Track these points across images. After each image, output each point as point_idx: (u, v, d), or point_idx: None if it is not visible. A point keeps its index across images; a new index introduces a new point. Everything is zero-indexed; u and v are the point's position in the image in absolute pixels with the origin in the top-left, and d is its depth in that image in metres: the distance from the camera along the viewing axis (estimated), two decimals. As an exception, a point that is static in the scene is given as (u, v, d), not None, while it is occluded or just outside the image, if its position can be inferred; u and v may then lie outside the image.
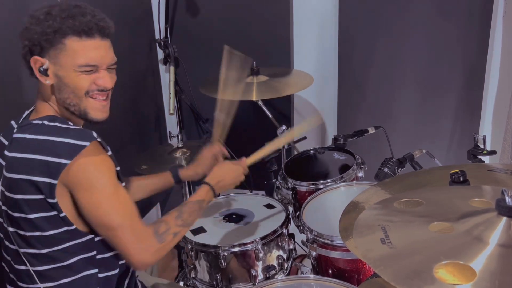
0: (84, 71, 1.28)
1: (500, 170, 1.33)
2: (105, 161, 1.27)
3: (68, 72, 1.27)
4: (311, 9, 2.47)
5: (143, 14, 2.63)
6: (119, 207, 1.27)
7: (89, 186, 1.24)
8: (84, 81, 1.29)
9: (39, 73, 1.28)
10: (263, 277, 1.73)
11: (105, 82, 1.31)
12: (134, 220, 1.28)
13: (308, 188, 1.94)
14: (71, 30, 1.25)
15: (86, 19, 1.26)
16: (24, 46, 1.28)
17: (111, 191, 1.26)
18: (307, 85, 2.26)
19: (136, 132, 2.68)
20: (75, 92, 1.29)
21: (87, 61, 1.27)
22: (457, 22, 2.30)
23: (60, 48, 1.26)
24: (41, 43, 1.26)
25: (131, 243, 1.26)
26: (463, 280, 0.82)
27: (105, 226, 1.26)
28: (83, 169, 1.22)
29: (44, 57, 1.27)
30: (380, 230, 0.98)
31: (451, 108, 2.44)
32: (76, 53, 1.26)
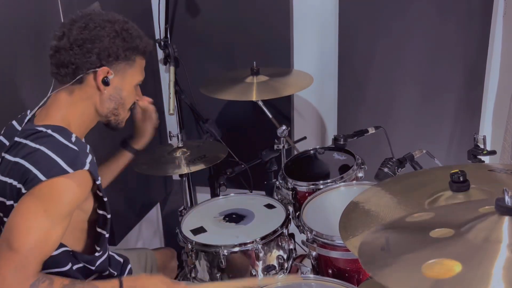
0: (137, 85, 1.44)
1: (500, 170, 1.33)
2: (74, 194, 1.24)
3: (128, 86, 1.40)
4: (311, 9, 2.47)
5: (143, 14, 2.63)
6: (36, 239, 1.19)
7: (40, 204, 1.20)
8: (134, 95, 1.46)
9: (102, 82, 1.33)
10: (263, 277, 1.73)
11: (140, 95, 1.51)
12: (33, 259, 1.19)
13: (308, 188, 1.94)
14: (141, 51, 1.39)
15: (148, 42, 1.40)
16: (88, 53, 1.29)
17: (46, 225, 1.21)
18: (307, 85, 2.26)
19: (136, 132, 2.68)
20: (125, 104, 1.42)
21: (141, 78, 1.44)
22: (457, 22, 2.30)
23: (130, 64, 1.37)
24: (117, 55, 1.33)
25: (10, 273, 1.16)
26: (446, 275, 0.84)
27: (9, 240, 1.18)
28: (48, 188, 1.21)
29: (112, 68, 1.34)
30: (382, 241, 0.99)
31: (451, 108, 2.44)
32: (139, 71, 1.41)
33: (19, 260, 1.17)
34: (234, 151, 2.34)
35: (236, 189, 2.42)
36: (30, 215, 1.20)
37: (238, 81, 2.27)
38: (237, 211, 1.93)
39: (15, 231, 1.19)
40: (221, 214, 1.92)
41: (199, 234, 1.80)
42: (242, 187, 2.46)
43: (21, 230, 1.19)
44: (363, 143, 2.20)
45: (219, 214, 1.92)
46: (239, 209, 1.94)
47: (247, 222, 1.85)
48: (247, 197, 2.07)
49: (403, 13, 2.35)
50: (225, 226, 1.84)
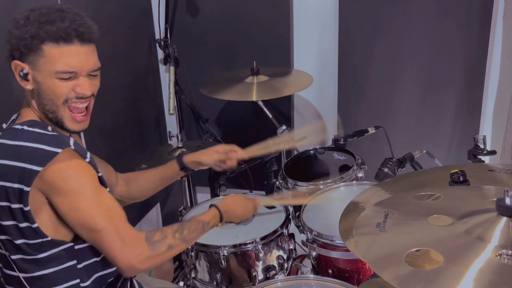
0: (61, 78, 1.24)
1: (501, 170, 1.33)
2: (82, 166, 1.25)
3: (46, 78, 1.24)
4: (311, 9, 2.47)
5: (143, 14, 2.63)
6: (102, 209, 1.23)
7: (67, 190, 1.21)
8: (63, 88, 1.26)
9: (20, 77, 1.26)
10: (263, 277, 1.73)
11: (83, 89, 1.27)
12: (120, 223, 1.25)
13: (308, 188, 1.94)
14: (48, 36, 1.22)
15: (64, 25, 1.23)
16: (8, 50, 1.27)
17: (92, 194, 1.23)
18: (307, 85, 2.26)
19: (136, 132, 2.68)
20: (53, 99, 1.27)
21: (65, 68, 1.24)
22: (457, 22, 2.30)
23: (39, 54, 1.23)
24: (19, 48, 1.23)
25: (117, 246, 1.22)
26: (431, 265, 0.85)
27: (88, 229, 1.22)
28: (59, 174, 1.20)
29: (24, 62, 1.25)
30: (382, 216, 1.00)
31: (451, 108, 2.44)
32: (54, 60, 1.23)
33: (113, 233, 1.21)
34: (234, 151, 2.34)
35: (236, 189, 2.42)
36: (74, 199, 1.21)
37: (238, 81, 2.27)
38: (237, 211, 1.93)
39: (84, 217, 1.22)
40: (221, 214, 1.92)
41: (199, 234, 1.79)
42: (242, 187, 2.46)
43: (83, 213, 1.21)
44: (363, 143, 2.20)
45: (219, 214, 1.92)
46: (239, 209, 1.94)
47: (247, 222, 1.84)
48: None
49: (403, 13, 2.35)
50: (225, 226, 1.84)
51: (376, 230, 0.96)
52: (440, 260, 0.84)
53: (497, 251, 0.85)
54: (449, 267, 0.83)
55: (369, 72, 2.49)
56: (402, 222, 1.00)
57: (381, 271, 0.85)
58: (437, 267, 0.83)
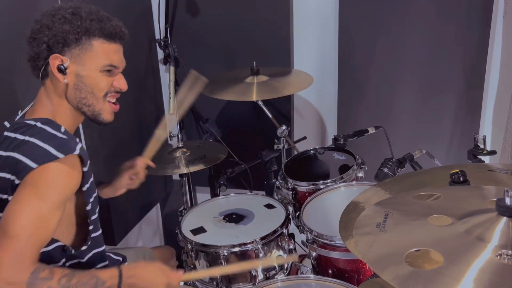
0: (106, 70, 1.34)
1: (501, 170, 1.33)
2: (67, 179, 1.25)
3: (90, 71, 1.32)
4: (311, 9, 2.47)
5: (143, 14, 2.63)
6: (32, 225, 1.19)
7: (33, 191, 1.20)
8: (104, 82, 1.35)
9: (57, 70, 1.30)
10: (263, 277, 1.73)
11: (122, 84, 1.38)
12: (31, 247, 1.19)
13: (308, 188, 1.94)
14: (100, 33, 1.31)
15: (113, 24, 1.34)
16: (40, 43, 1.28)
17: (42, 211, 1.21)
18: (307, 85, 2.26)
19: (136, 132, 2.68)
20: (94, 92, 1.34)
21: (110, 62, 1.34)
22: (457, 22, 2.30)
23: (86, 48, 1.30)
24: (66, 41, 1.28)
25: (8, 261, 1.16)
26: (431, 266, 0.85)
27: (6, 227, 1.18)
28: (41, 175, 1.21)
29: (65, 55, 1.30)
30: (382, 216, 1.00)
31: (451, 108, 2.44)
32: (101, 55, 1.32)
33: (17, 247, 1.17)
34: (234, 151, 2.34)
35: (236, 189, 2.42)
36: (25, 201, 1.20)
37: (238, 81, 2.27)
38: (237, 211, 1.93)
39: (11, 218, 1.19)
40: (221, 214, 1.92)
41: (199, 234, 1.80)
42: (242, 187, 2.46)
43: (17, 216, 1.19)
44: (363, 143, 2.20)
45: (219, 214, 1.92)
46: (239, 209, 1.94)
47: (247, 222, 1.85)
48: (247, 197, 2.07)
49: (403, 13, 2.35)
50: (225, 226, 1.84)
51: (376, 230, 0.96)
52: (440, 260, 0.84)
53: (497, 251, 0.85)
54: (449, 267, 0.83)
55: (369, 72, 2.49)
56: (402, 222, 1.00)
57: (381, 271, 0.85)
58: (437, 267, 0.83)
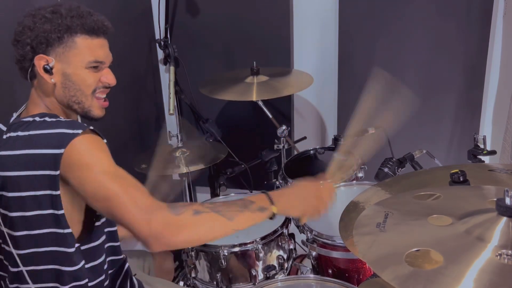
0: (92, 67, 1.32)
1: (501, 170, 1.33)
2: (99, 142, 1.25)
3: (76, 69, 1.30)
4: (311, 9, 2.47)
5: (143, 14, 2.63)
6: (116, 178, 1.20)
7: (82, 164, 1.20)
8: (92, 78, 1.33)
9: (44, 71, 1.29)
10: (263, 277, 1.73)
11: (110, 79, 1.36)
12: (134, 189, 1.19)
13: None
14: (82, 29, 1.29)
15: (94, 18, 1.31)
16: (24, 45, 1.28)
17: (106, 166, 1.21)
18: (307, 85, 2.26)
19: (136, 132, 2.68)
20: (83, 89, 1.32)
21: (96, 57, 1.32)
22: (457, 22, 2.30)
23: (70, 45, 1.29)
24: (49, 40, 1.27)
25: (133, 211, 1.15)
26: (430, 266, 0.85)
27: (100, 198, 1.18)
28: (76, 151, 1.20)
29: (50, 55, 1.28)
30: (382, 216, 1.00)
31: (451, 108, 2.44)
32: (85, 51, 1.30)
33: (127, 199, 1.16)
34: (234, 151, 2.34)
35: (236, 189, 2.42)
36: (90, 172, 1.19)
37: (238, 81, 2.27)
38: (237, 211, 1.93)
39: (95, 187, 1.18)
40: (221, 214, 1.92)
41: (199, 234, 1.79)
42: (242, 187, 2.46)
43: (97, 182, 1.18)
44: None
45: (219, 214, 1.92)
46: (239, 209, 1.94)
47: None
48: (247, 197, 2.06)
49: (403, 13, 2.35)
50: (225, 226, 1.83)
51: (376, 230, 0.96)
52: (440, 260, 0.84)
53: (497, 251, 0.85)
54: (449, 267, 0.83)
55: (369, 72, 2.49)
56: (402, 222, 1.00)
57: (381, 271, 0.85)
58: (437, 267, 0.83)
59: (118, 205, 1.17)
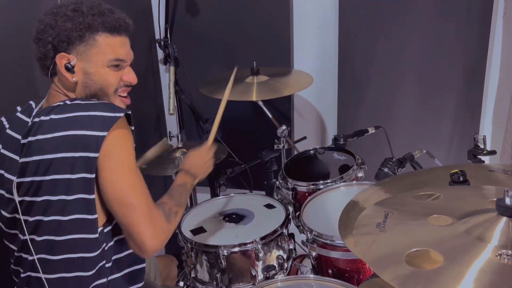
0: (113, 65, 1.31)
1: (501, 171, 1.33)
2: (131, 137, 1.27)
3: (97, 68, 1.30)
4: (311, 9, 2.47)
5: (143, 14, 2.63)
6: (139, 185, 1.24)
7: (118, 158, 1.22)
8: (113, 77, 1.33)
9: (65, 69, 1.28)
10: (263, 277, 1.73)
11: (131, 78, 1.37)
12: (149, 200, 1.26)
13: (308, 188, 1.94)
14: (103, 27, 1.29)
15: (116, 16, 1.31)
16: (46, 43, 1.27)
17: (133, 168, 1.24)
18: (307, 85, 2.26)
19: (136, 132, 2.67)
20: (104, 88, 1.33)
21: (117, 56, 1.31)
22: (457, 22, 2.30)
23: (91, 44, 1.28)
24: (70, 38, 1.26)
25: (146, 225, 1.21)
26: (430, 265, 0.85)
27: (123, 202, 1.22)
28: (116, 141, 1.21)
29: (71, 53, 1.28)
30: (382, 216, 1.00)
31: (451, 108, 2.44)
32: (107, 49, 1.30)
33: (145, 212, 1.21)
34: (234, 151, 2.34)
35: (236, 189, 2.42)
36: (120, 169, 1.22)
37: (238, 81, 2.27)
38: (237, 211, 1.93)
39: (121, 189, 1.21)
40: (221, 214, 1.92)
41: (199, 234, 1.80)
42: (242, 187, 2.46)
43: (124, 184, 1.21)
44: (363, 143, 2.20)
45: (219, 214, 1.92)
46: (239, 209, 1.94)
47: (247, 222, 1.85)
48: (247, 197, 2.06)
49: (403, 13, 2.35)
50: (225, 226, 1.84)
51: (376, 230, 0.96)
52: (440, 260, 0.84)
53: (497, 251, 0.85)
54: (449, 267, 0.83)
55: (369, 72, 2.49)
56: (402, 222, 1.00)
57: (381, 271, 0.85)
58: (437, 267, 0.83)
59: (137, 215, 1.21)
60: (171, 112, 2.35)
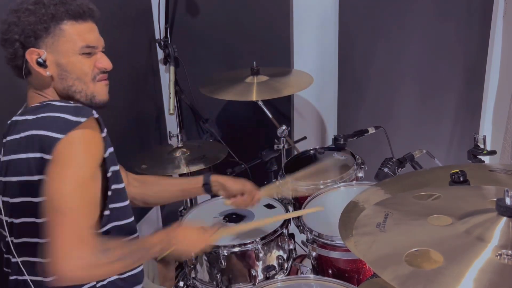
0: (85, 53, 1.28)
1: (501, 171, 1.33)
2: (94, 143, 1.21)
3: (69, 57, 1.27)
4: (311, 9, 2.47)
5: (143, 14, 2.63)
6: (79, 197, 1.15)
7: (65, 162, 1.16)
8: (86, 65, 1.29)
9: (37, 65, 1.25)
10: (263, 277, 1.73)
11: (105, 63, 1.32)
12: (85, 220, 1.16)
13: (308, 188, 1.93)
14: (67, 15, 1.25)
15: (78, 3, 1.27)
16: (13, 42, 1.24)
17: (81, 177, 1.17)
18: (307, 85, 2.26)
19: (136, 132, 2.68)
20: (81, 77, 1.29)
21: (86, 42, 1.28)
22: (457, 22, 2.30)
23: (58, 34, 1.25)
24: (36, 32, 1.23)
25: (68, 241, 1.10)
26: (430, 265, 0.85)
27: (54, 206, 1.13)
28: (70, 144, 1.16)
29: (41, 47, 1.25)
30: (382, 216, 1.00)
31: (451, 108, 2.44)
32: (75, 37, 1.26)
33: (73, 225, 1.12)
34: (234, 151, 2.34)
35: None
36: (63, 174, 1.15)
37: (238, 81, 2.27)
38: (237, 211, 1.93)
39: (56, 195, 1.13)
40: (221, 214, 1.92)
41: (199, 234, 1.79)
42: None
43: (61, 192, 1.14)
44: (363, 143, 2.20)
45: (219, 214, 1.92)
46: (239, 209, 1.94)
47: (247, 222, 1.84)
48: (247, 197, 2.06)
49: (403, 13, 2.35)
50: (225, 226, 1.84)
51: (376, 230, 0.96)
52: (440, 260, 0.84)
53: (497, 251, 0.85)
54: (449, 267, 0.83)
55: (369, 72, 2.50)
56: (402, 222, 1.00)
57: (381, 271, 0.85)
58: (437, 267, 0.83)
59: (62, 225, 1.12)
60: (171, 112, 2.35)
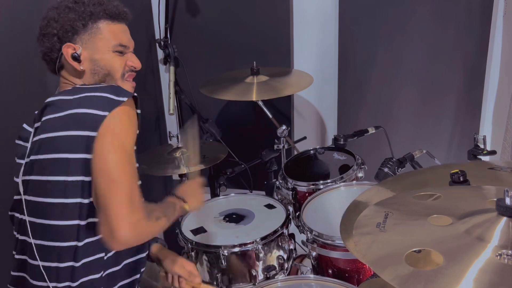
0: (118, 51, 1.36)
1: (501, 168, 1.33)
2: (134, 120, 1.26)
3: (103, 54, 1.34)
4: (311, 9, 2.47)
5: (143, 14, 2.63)
6: (128, 167, 1.20)
7: (113, 134, 1.20)
8: (119, 62, 1.37)
9: (72, 59, 1.32)
10: (263, 277, 1.73)
11: (135, 62, 1.42)
12: (135, 187, 1.21)
13: (308, 188, 1.94)
14: (104, 15, 1.34)
15: (114, 4, 1.37)
16: (51, 37, 1.31)
17: (127, 149, 1.22)
18: (307, 85, 2.26)
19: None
20: (112, 74, 1.37)
21: (120, 41, 1.36)
22: (457, 22, 2.30)
23: (95, 32, 1.33)
24: (74, 28, 1.31)
25: (125, 209, 1.15)
26: (431, 266, 0.85)
27: (109, 176, 1.17)
28: (115, 121, 1.20)
29: (77, 43, 1.32)
30: (382, 216, 1.00)
31: (451, 108, 2.44)
32: (110, 36, 1.35)
33: (128, 194, 1.17)
34: (234, 151, 2.34)
35: (236, 189, 2.42)
36: (113, 148, 1.19)
37: (238, 81, 2.27)
38: (237, 211, 1.93)
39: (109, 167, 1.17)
40: (221, 214, 1.92)
41: (199, 234, 1.80)
42: (242, 187, 2.46)
43: (114, 159, 1.18)
44: (363, 143, 2.20)
45: (219, 214, 1.92)
46: (239, 209, 1.94)
47: (247, 222, 1.85)
48: (247, 197, 2.06)
49: (403, 13, 2.35)
50: (225, 226, 1.84)
51: (376, 230, 0.96)
52: (440, 260, 0.84)
53: (497, 251, 0.85)
54: (449, 267, 0.83)
55: (369, 72, 2.49)
56: (402, 222, 1.00)
57: (381, 271, 0.85)
58: (437, 267, 0.83)
59: (119, 193, 1.16)
60: (171, 112, 2.35)
